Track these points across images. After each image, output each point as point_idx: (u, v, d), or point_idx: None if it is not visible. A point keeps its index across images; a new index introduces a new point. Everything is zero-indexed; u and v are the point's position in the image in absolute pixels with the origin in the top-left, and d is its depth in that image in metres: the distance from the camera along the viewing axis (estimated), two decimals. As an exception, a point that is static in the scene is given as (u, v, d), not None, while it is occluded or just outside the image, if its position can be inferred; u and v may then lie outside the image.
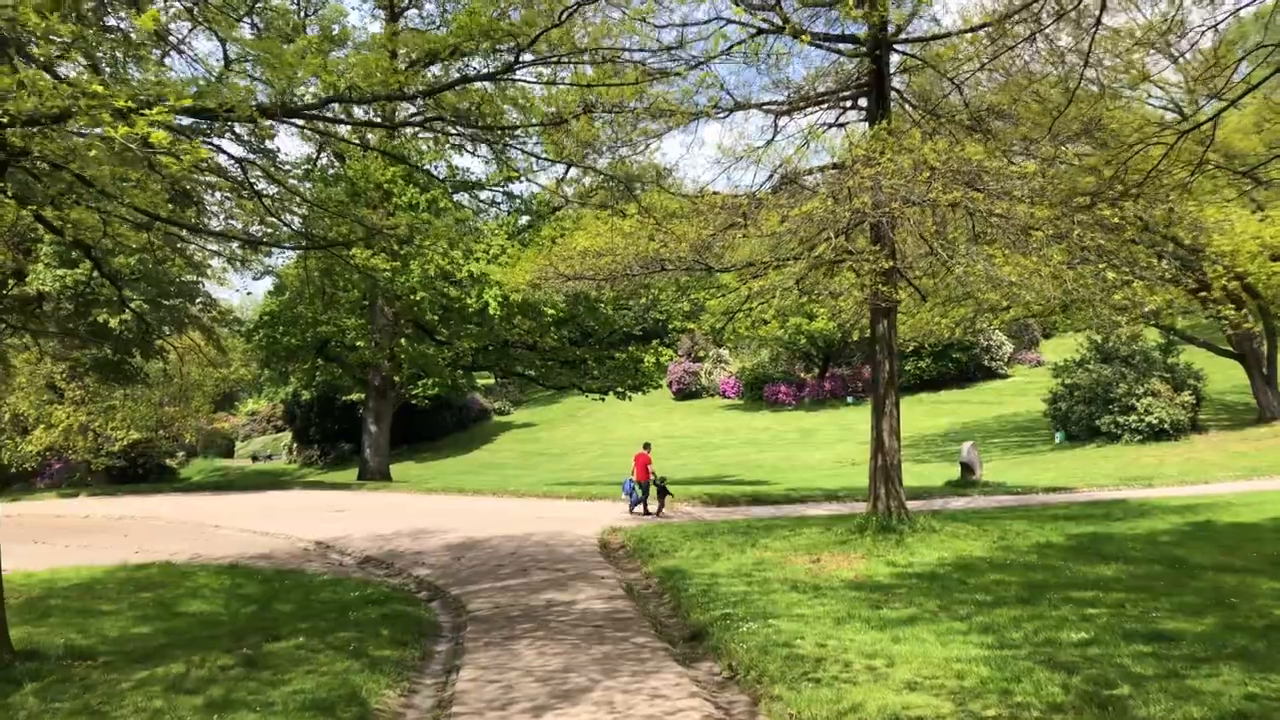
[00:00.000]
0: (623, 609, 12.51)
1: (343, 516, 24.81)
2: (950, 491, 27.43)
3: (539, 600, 13.27)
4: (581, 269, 15.86)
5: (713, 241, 16.69)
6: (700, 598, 12.50)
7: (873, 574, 13.63)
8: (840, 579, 13.42)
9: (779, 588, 12.89)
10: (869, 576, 13.44)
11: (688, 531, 19.01)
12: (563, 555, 17.25)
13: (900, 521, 17.48)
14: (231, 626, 12.18)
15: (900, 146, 14.03)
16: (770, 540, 17.30)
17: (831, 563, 14.71)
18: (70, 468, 57.41)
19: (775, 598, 12.22)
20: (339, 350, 39.53)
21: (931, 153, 13.72)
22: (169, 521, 25.10)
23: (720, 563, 15.34)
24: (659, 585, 14.30)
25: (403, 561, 17.65)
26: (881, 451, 18.06)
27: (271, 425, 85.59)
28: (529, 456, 57.76)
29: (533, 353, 38.34)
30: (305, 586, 14.86)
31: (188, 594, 14.75)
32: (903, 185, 13.48)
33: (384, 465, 40.05)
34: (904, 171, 13.41)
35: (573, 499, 27.16)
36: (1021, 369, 66.02)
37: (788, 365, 67.23)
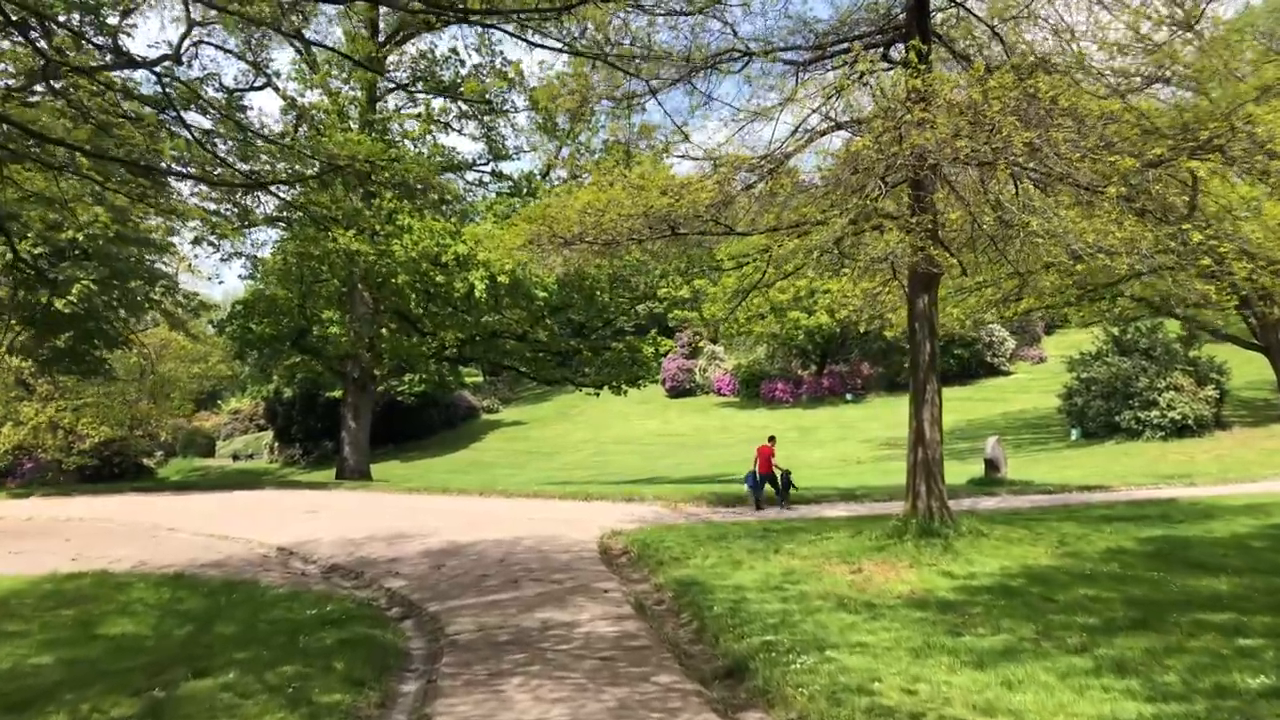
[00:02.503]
0: (635, 633, 10.26)
1: (313, 518, 22.48)
2: (976, 490, 25.27)
3: (533, 620, 11.00)
4: (583, 228, 13.61)
5: (733, 200, 14.47)
6: (729, 618, 10.27)
7: (931, 587, 11.42)
8: (893, 594, 11.21)
9: (823, 605, 10.68)
10: (928, 591, 11.23)
11: (698, 535, 16.78)
12: (558, 563, 14.99)
13: (944, 524, 15.30)
14: (155, 655, 9.90)
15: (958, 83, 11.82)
16: (795, 546, 15.09)
17: (877, 573, 12.50)
18: (42, 467, 54.84)
19: (822, 619, 10.00)
20: (317, 341, 37.17)
21: (998, 86, 11.51)
22: (121, 524, 22.73)
23: (743, 572, 13.12)
24: (674, 600, 12.05)
25: (374, 571, 15.36)
26: (922, 444, 15.87)
27: (254, 424, 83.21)
28: (519, 455, 55.58)
29: (523, 344, 36.01)
30: (255, 602, 12.57)
31: (117, 611, 12.46)
32: (965, 124, 11.28)
33: (364, 463, 37.67)
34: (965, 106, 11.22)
35: (566, 499, 24.88)
36: (1024, 365, 64.30)
37: (784, 362, 65.16)
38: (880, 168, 12.35)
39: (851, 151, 12.03)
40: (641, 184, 13.58)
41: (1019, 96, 12.03)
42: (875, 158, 11.79)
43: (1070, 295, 37.04)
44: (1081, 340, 55.01)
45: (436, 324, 35.37)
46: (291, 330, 36.87)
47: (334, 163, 14.92)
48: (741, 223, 15.13)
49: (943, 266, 14.71)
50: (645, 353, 35.53)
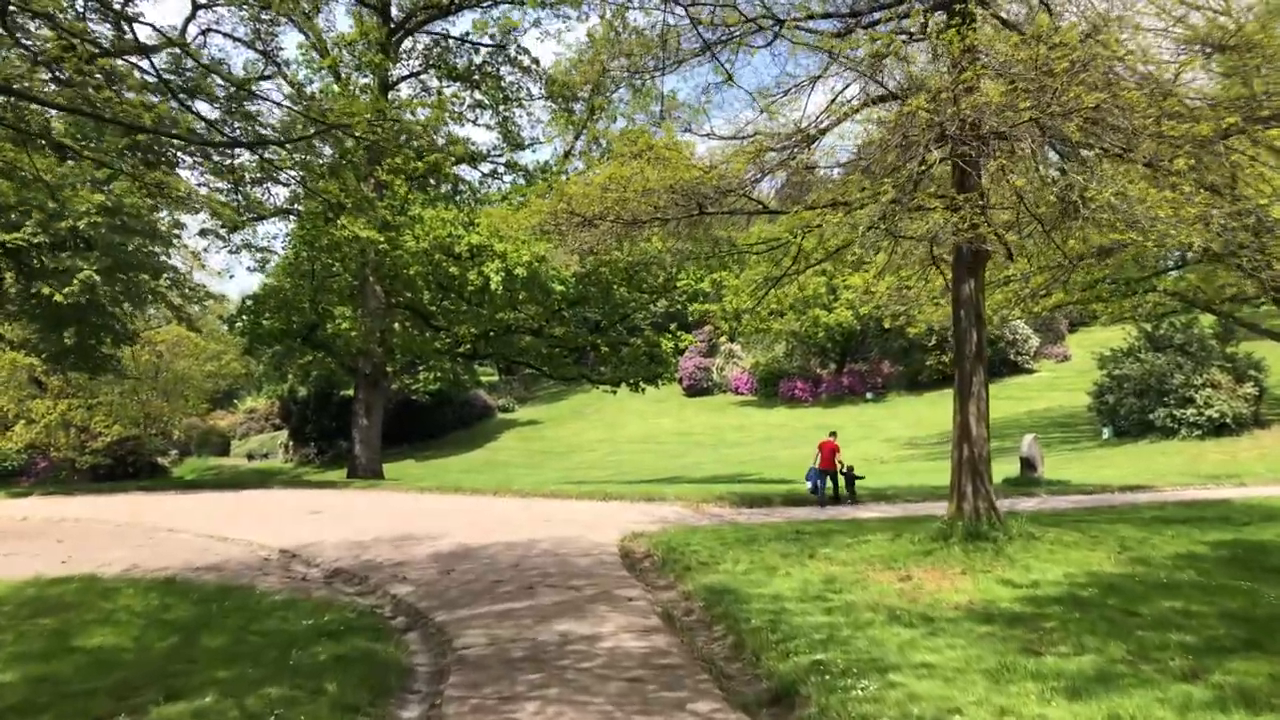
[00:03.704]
0: (665, 648, 9.17)
1: (318, 519, 21.48)
2: (1012, 490, 24.10)
3: (550, 633, 9.93)
4: (604, 206, 12.52)
5: (767, 175, 13.36)
6: (770, 632, 9.18)
7: (992, 597, 10.29)
8: (950, 604, 10.09)
9: (873, 618, 9.57)
10: (989, 602, 10.10)
11: (725, 537, 15.68)
12: (577, 568, 13.91)
13: (992, 526, 14.16)
14: (131, 671, 8.88)
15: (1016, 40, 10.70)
16: (832, 550, 13.98)
17: (927, 580, 11.38)
18: (55, 466, 54.22)
19: (876, 634, 8.90)
20: (328, 337, 36.21)
21: (1062, 44, 10.38)
22: (119, 524, 21.76)
23: (779, 580, 12.02)
24: (705, 610, 10.96)
25: (379, 576, 14.32)
26: (967, 441, 14.72)
27: (270, 423, 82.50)
28: (534, 455, 54.61)
29: (538, 339, 34.92)
30: (248, 610, 11.54)
31: (98, 620, 11.45)
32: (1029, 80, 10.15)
33: (375, 462, 36.67)
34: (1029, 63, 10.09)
35: (584, 499, 23.80)
36: (1048, 364, 62.92)
37: (803, 360, 63.96)
38: (930, 136, 11.23)
39: (904, 113, 10.90)
40: (668, 156, 12.51)
41: (1083, 57, 10.90)
42: (928, 121, 10.66)
43: (1102, 290, 35.80)
44: (1106, 338, 53.69)
45: (450, 319, 34.36)
46: (302, 326, 35.97)
47: (326, 121, 13.86)
48: (773, 202, 14.01)
49: (990, 247, 13.56)
50: (664, 348, 34.39)
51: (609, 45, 15.26)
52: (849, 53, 11.75)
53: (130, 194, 20.16)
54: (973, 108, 10.33)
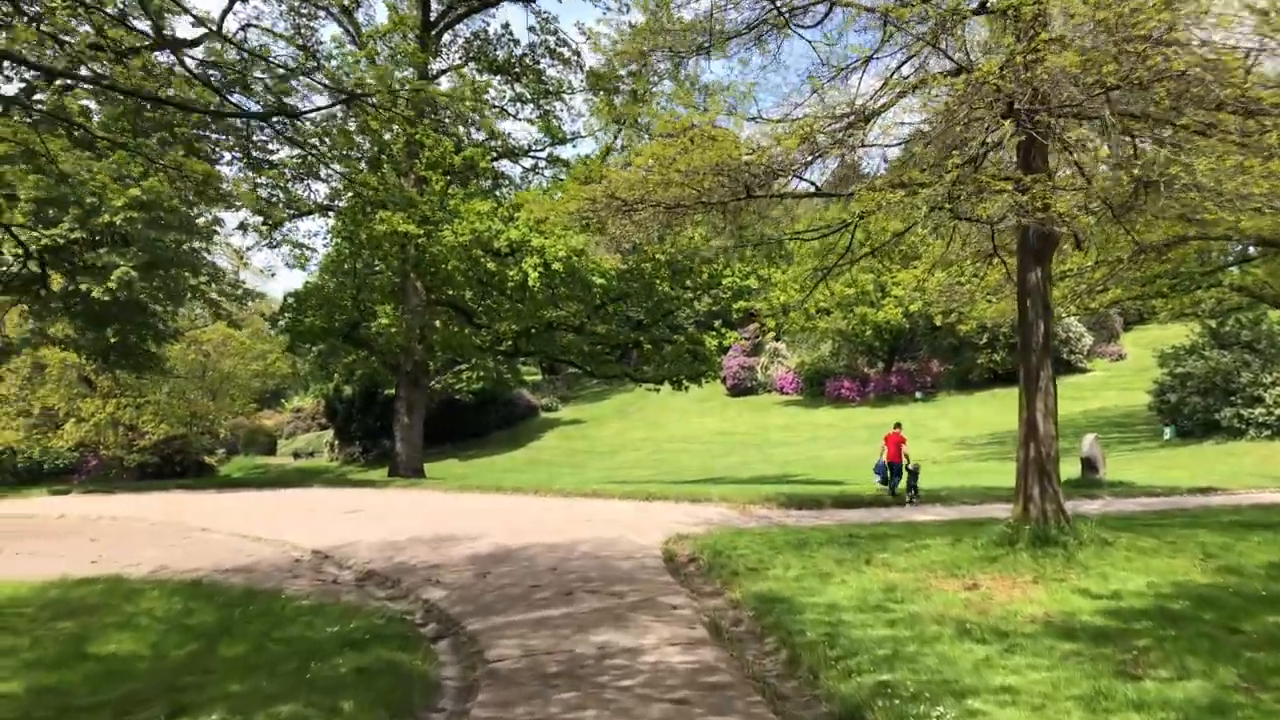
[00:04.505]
0: (713, 664, 8.42)
1: (355, 519, 20.98)
2: (1074, 492, 22.95)
3: (588, 645, 9.22)
4: (646, 190, 11.78)
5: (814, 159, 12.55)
6: (827, 647, 8.40)
7: (1070, 609, 9.41)
8: (1024, 617, 9.23)
9: (941, 631, 8.75)
10: (1068, 614, 9.22)
11: (775, 541, 14.86)
12: (618, 572, 13.20)
13: (1062, 531, 13.22)
14: (141, 683, 8.33)
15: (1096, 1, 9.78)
16: (889, 555, 13.13)
17: (996, 590, 10.51)
18: (105, 465, 54.73)
19: (945, 650, 8.09)
20: (369, 334, 35.87)
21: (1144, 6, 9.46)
22: (154, 523, 21.45)
23: (834, 587, 11.21)
24: (755, 621, 10.19)
25: (412, 579, 13.72)
26: (1034, 439, 13.80)
27: (316, 422, 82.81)
28: (577, 454, 54.03)
29: (580, 336, 34.26)
30: (273, 616, 10.98)
31: (119, 624, 10.96)
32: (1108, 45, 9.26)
33: (417, 460, 36.23)
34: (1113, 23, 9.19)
35: (626, 499, 23.07)
36: (1101, 363, 61.21)
37: (850, 359, 62.74)
38: (998, 110, 10.36)
39: (973, 80, 10.04)
40: (714, 135, 11.74)
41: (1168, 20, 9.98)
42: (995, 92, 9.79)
43: (1162, 286, 34.45)
44: (1163, 336, 52.07)
45: (491, 316, 33.84)
46: (344, 323, 35.66)
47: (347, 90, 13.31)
48: (825, 187, 13.19)
49: (1061, 229, 12.64)
50: (708, 346, 33.57)
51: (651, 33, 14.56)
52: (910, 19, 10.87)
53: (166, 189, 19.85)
54: (1048, 73, 9.45)
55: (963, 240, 17.82)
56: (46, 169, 17.16)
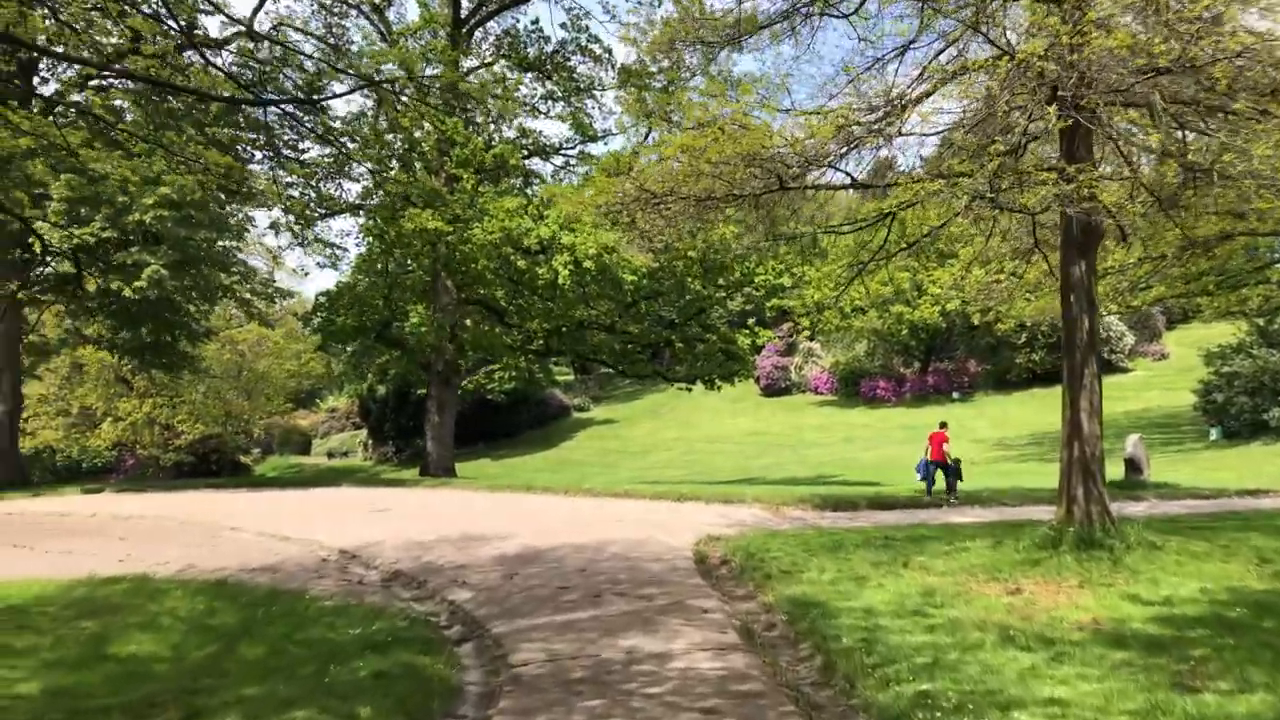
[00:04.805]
0: (744, 671, 8.09)
1: (383, 518, 20.83)
2: (1118, 493, 22.31)
3: (615, 649, 8.92)
4: (675, 183, 11.45)
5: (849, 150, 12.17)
6: (864, 654, 8.04)
7: (1120, 616, 8.99)
8: (1072, 623, 8.82)
9: (983, 638, 8.36)
10: (1118, 621, 8.81)
11: (809, 543, 14.49)
12: (648, 574, 12.89)
13: (1107, 533, 12.76)
14: (157, 685, 8.14)
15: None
16: (926, 558, 12.73)
17: (1040, 594, 10.10)
18: (142, 464, 55.30)
19: (988, 658, 7.70)
20: (400, 333, 35.83)
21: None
22: (182, 522, 21.39)
23: (870, 591, 10.84)
24: (789, 625, 9.85)
25: (439, 579, 13.49)
26: (1078, 439, 13.34)
27: (350, 422, 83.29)
28: (609, 454, 53.82)
29: (611, 335, 33.98)
30: (296, 617, 10.77)
31: (141, 625, 10.80)
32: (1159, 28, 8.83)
33: (448, 459, 36.13)
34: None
35: (658, 499, 22.75)
36: (1144, 362, 60.03)
37: (885, 359, 62.02)
38: (1041, 96, 9.94)
39: (1018, 63, 9.63)
40: (745, 124, 11.40)
41: (1223, 0, 9.52)
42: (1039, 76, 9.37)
43: (1208, 283, 33.61)
44: (1207, 335, 50.89)
45: (522, 315, 33.65)
46: (376, 323, 35.64)
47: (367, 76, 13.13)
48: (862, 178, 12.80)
49: (1105, 219, 12.18)
50: (741, 345, 33.18)
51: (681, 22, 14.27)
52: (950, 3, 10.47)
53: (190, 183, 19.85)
54: (1095, 54, 9.02)
55: (1002, 235, 17.37)
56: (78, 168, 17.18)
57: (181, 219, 24.76)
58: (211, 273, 28.39)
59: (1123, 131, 12.96)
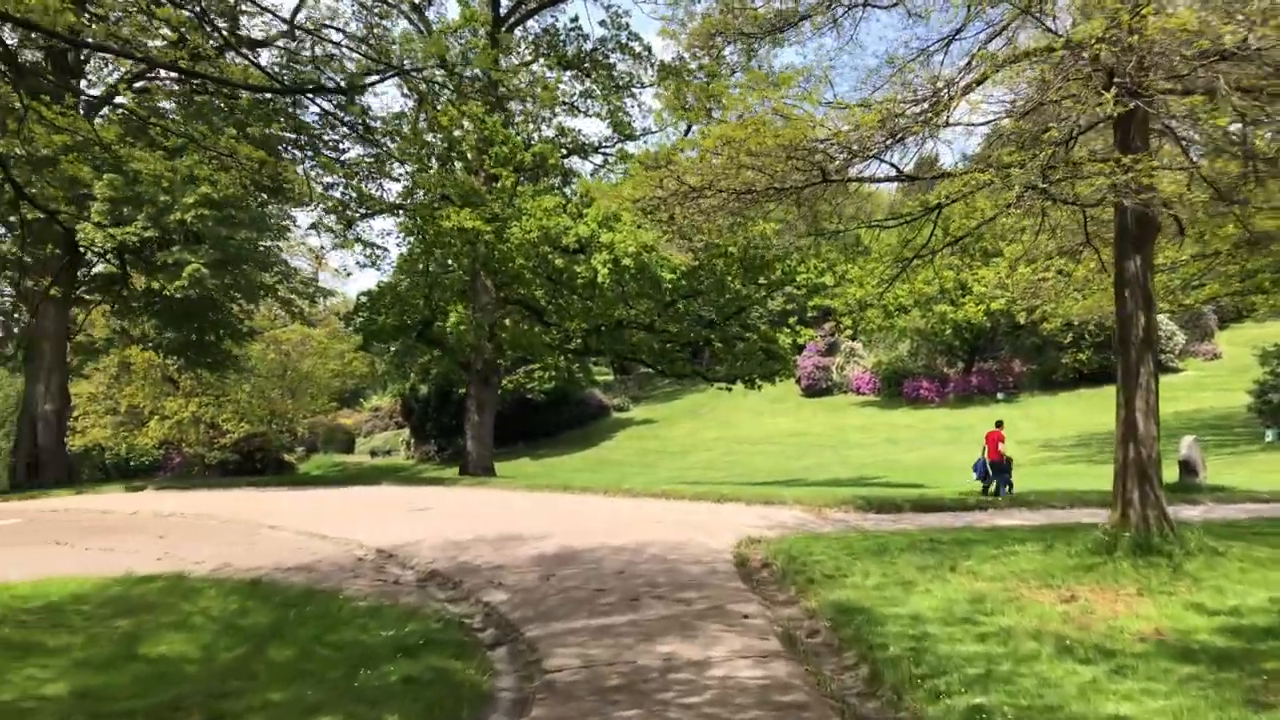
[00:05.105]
0: (786, 680, 7.76)
1: (422, 517, 20.72)
2: (1172, 497, 21.59)
3: (652, 656, 8.63)
4: (715, 175, 11.15)
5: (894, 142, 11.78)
6: (912, 664, 7.69)
7: (1184, 627, 8.54)
8: (1132, 634, 8.39)
9: (1039, 649, 7.96)
10: (1183, 632, 8.36)
11: (853, 546, 14.11)
12: (687, 577, 12.58)
13: (1165, 538, 12.26)
14: (183, 688, 7.98)
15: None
16: (974, 563, 12.30)
17: (1097, 602, 9.66)
18: (189, 462, 55.99)
19: (1045, 670, 7.32)
20: (440, 332, 35.83)
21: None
22: (222, 521, 21.44)
23: (917, 597, 10.45)
24: (833, 632, 9.50)
25: (475, 580, 13.28)
26: (1133, 439, 12.83)
27: (393, 421, 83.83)
28: (649, 454, 53.53)
29: (651, 334, 33.68)
30: (328, 618, 10.61)
31: (174, 624, 10.70)
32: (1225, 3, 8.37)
33: (487, 458, 36.06)
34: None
35: (697, 500, 22.44)
36: (1195, 362, 58.66)
37: (929, 359, 61.15)
38: (1098, 82, 9.50)
39: (1072, 45, 9.21)
40: (787, 113, 11.06)
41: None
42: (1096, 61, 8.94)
43: (1263, 280, 32.66)
44: (1261, 335, 49.62)
45: (561, 314, 33.47)
46: (416, 322, 35.67)
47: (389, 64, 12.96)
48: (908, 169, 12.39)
49: (1161, 210, 11.69)
50: (782, 344, 32.73)
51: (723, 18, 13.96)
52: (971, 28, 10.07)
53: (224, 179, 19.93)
54: (1155, 35, 8.58)
55: (1052, 231, 16.85)
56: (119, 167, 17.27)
57: (222, 218, 24.89)
58: (252, 272, 28.54)
59: (1181, 120, 12.47)
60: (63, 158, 11.26)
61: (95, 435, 53.19)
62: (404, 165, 29.58)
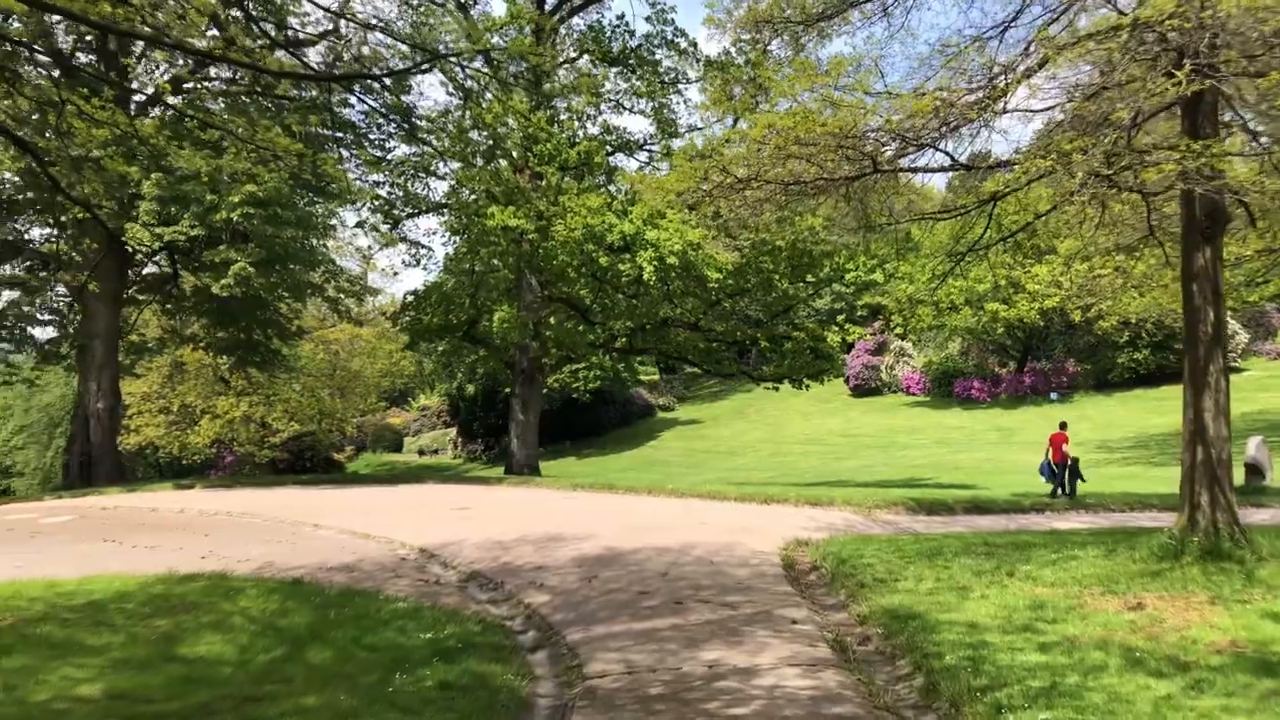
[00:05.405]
0: (836, 691, 7.41)
1: (465, 516, 20.57)
2: (1240, 500, 20.81)
3: (697, 663, 8.32)
4: (762, 165, 10.78)
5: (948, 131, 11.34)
6: (970, 675, 7.29)
7: (1264, 638, 8.04)
8: (1207, 645, 7.91)
9: (1106, 660, 7.53)
10: (1262, 643, 7.86)
11: (904, 549, 13.67)
12: (733, 580, 12.25)
13: (1236, 544, 11.70)
14: (215, 692, 7.81)
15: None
16: (1033, 567, 11.83)
17: (1167, 611, 9.16)
18: (240, 461, 56.74)
19: (1114, 684, 6.88)
20: (486, 331, 35.79)
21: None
22: (267, 519, 21.45)
23: (973, 603, 10.02)
24: (885, 640, 9.11)
25: (516, 581, 13.06)
26: (1202, 440, 12.26)
27: (440, 420, 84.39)
28: (695, 454, 53.15)
29: (696, 333, 33.31)
30: (367, 619, 10.42)
31: (213, 624, 10.57)
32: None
33: (532, 457, 35.94)
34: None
35: (743, 501, 22.06)
36: (1259, 361, 57.03)
37: (980, 359, 60.07)
38: (1168, 60, 9.02)
39: (1141, 22, 8.73)
40: (837, 101, 10.67)
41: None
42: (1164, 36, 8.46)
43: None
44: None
45: (606, 313, 33.23)
46: (463, 321, 35.68)
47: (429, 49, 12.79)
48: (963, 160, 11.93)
49: (1230, 198, 11.13)
50: (831, 342, 32.17)
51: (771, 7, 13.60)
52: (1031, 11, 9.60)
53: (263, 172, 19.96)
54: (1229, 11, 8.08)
55: (1113, 224, 16.25)
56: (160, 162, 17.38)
57: (268, 217, 25.01)
58: (299, 270, 28.69)
59: (1251, 105, 11.90)
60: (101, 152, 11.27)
61: (149, 434, 54.01)
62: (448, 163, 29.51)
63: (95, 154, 11.67)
